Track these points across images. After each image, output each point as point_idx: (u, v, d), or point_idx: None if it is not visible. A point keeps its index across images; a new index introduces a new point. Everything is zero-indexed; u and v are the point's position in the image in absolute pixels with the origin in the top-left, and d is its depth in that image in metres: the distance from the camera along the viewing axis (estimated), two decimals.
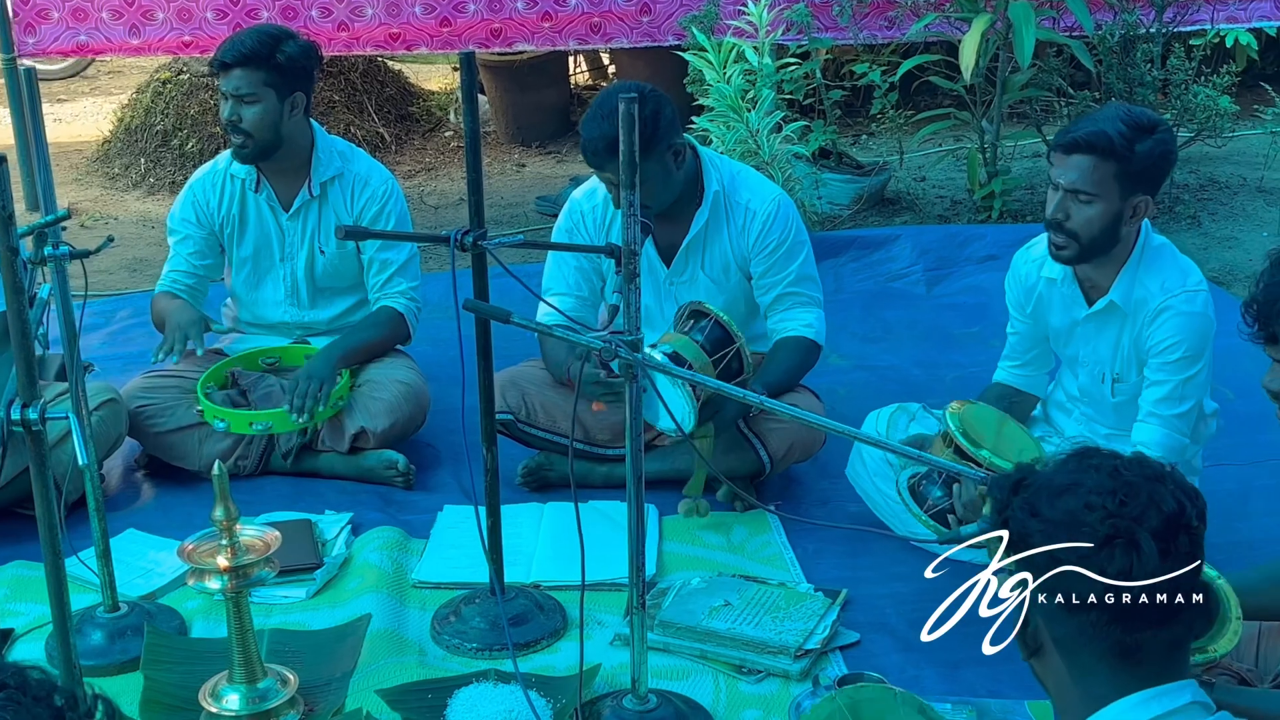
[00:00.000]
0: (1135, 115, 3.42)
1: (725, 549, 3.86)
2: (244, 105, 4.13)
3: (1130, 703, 1.80)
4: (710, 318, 3.79)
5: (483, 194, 3.15)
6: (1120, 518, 1.78)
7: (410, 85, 8.74)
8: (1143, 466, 1.85)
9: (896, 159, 7.27)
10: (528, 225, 6.76)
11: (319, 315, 4.44)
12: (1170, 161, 3.48)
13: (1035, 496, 1.85)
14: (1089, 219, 3.40)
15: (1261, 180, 7.12)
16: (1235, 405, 4.19)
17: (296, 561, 3.63)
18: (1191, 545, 1.81)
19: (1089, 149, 3.37)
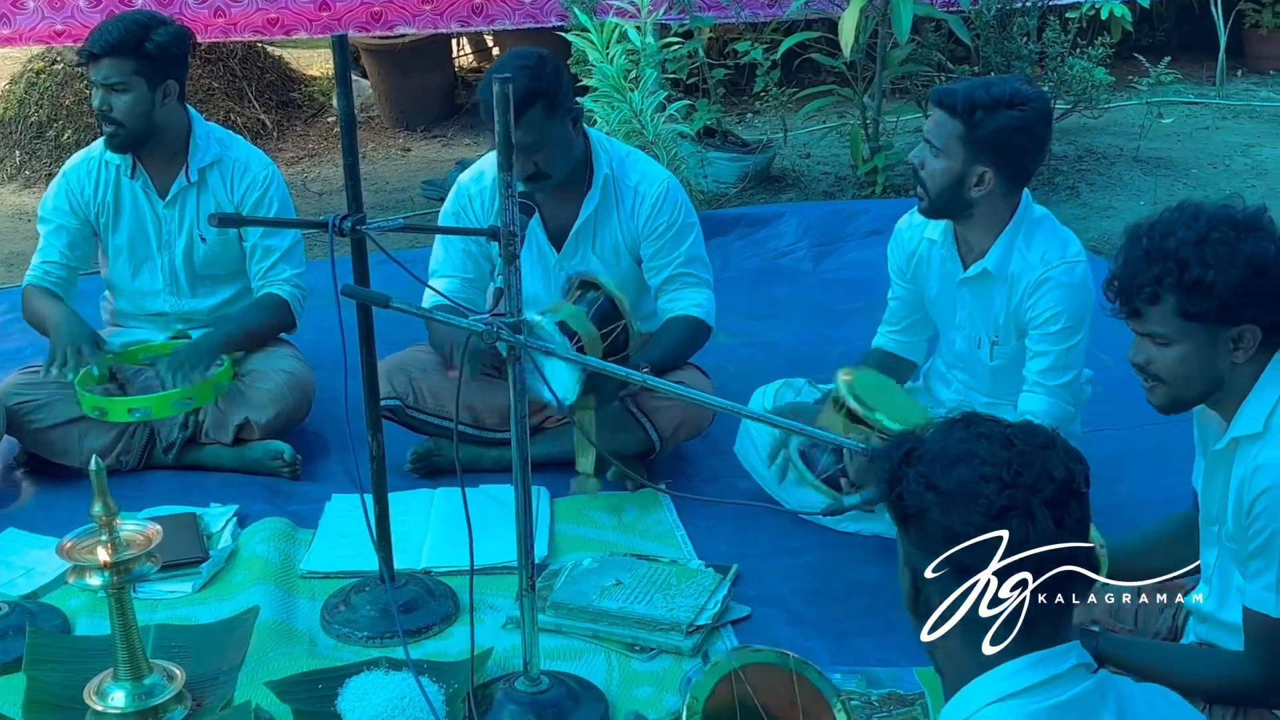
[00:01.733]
0: (1005, 88, 3.44)
1: (617, 529, 3.86)
2: (114, 94, 4.06)
3: (1017, 666, 1.82)
4: (601, 291, 3.79)
5: (360, 178, 3.12)
6: (1016, 488, 1.79)
7: (291, 71, 8.63)
8: (1033, 434, 1.86)
9: (781, 136, 7.31)
10: (414, 210, 6.71)
11: (200, 304, 4.37)
12: (1024, 144, 3.46)
13: (930, 468, 1.85)
14: (934, 172, 3.47)
15: (1138, 150, 7.26)
16: (1113, 371, 4.25)
17: (181, 556, 3.59)
18: (1081, 511, 1.83)
19: (941, 104, 3.45)
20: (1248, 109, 8.17)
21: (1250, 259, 2.42)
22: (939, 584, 1.87)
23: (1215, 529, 2.69)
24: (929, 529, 1.84)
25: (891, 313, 3.96)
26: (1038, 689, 1.81)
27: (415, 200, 6.91)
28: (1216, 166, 7.13)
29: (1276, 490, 2.42)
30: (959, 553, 1.82)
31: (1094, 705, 1.81)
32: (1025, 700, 1.80)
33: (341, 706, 3.05)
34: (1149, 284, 2.46)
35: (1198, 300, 2.43)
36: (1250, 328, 2.46)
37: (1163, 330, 2.49)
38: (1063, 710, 1.79)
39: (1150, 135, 7.39)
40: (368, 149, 7.77)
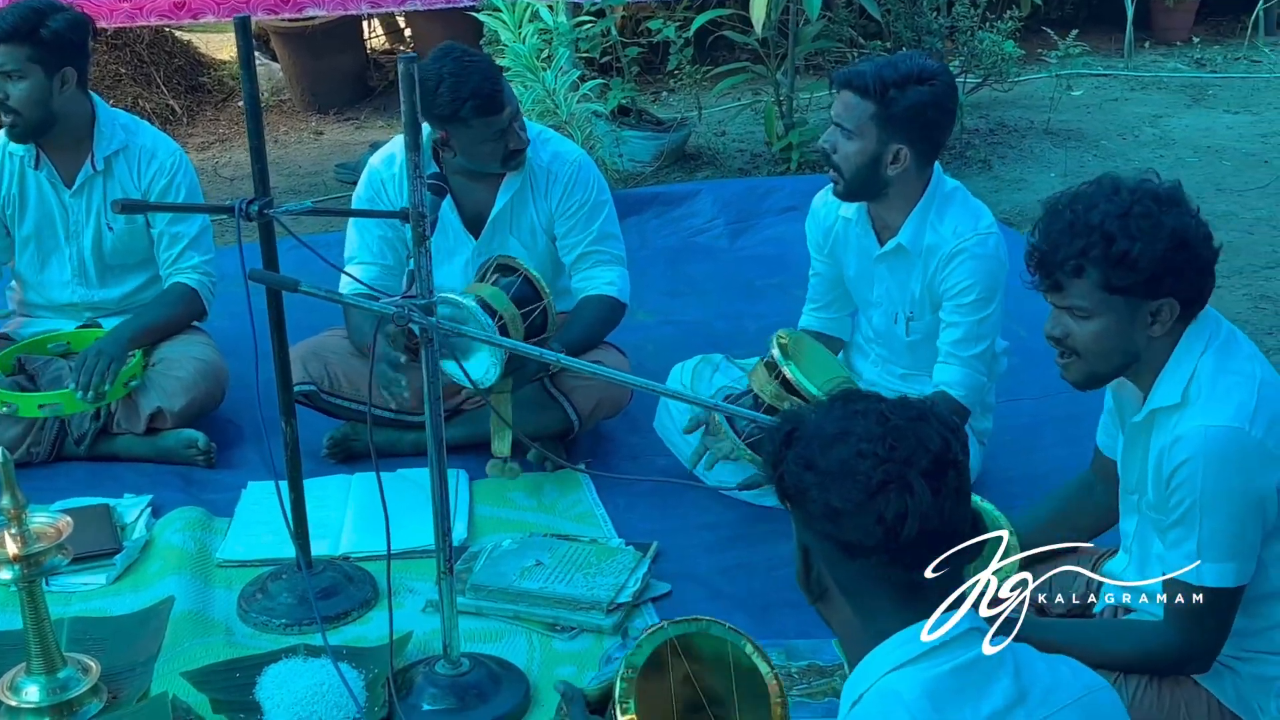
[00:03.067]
0: (912, 64, 3.46)
1: (536, 509, 3.86)
2: (9, 82, 3.98)
3: (911, 633, 1.84)
4: (520, 273, 3.78)
5: (266, 161, 3.09)
6: (892, 462, 1.81)
7: (200, 55, 8.52)
8: (906, 408, 1.88)
9: (696, 115, 7.32)
10: (327, 194, 6.65)
11: (109, 294, 4.31)
12: (935, 118, 3.49)
13: (808, 448, 1.87)
14: (848, 155, 3.48)
15: (1048, 123, 7.33)
16: (1027, 341, 4.31)
17: (94, 547, 3.54)
18: (959, 479, 1.85)
19: (850, 85, 3.46)
20: (1155, 80, 8.29)
21: (1173, 232, 2.45)
22: (829, 565, 1.89)
23: (1135, 498, 2.72)
24: (810, 508, 1.86)
25: (813, 290, 3.98)
26: (933, 654, 1.83)
27: (329, 184, 6.85)
28: (1125, 137, 7.22)
29: (1195, 461, 2.45)
30: (840, 532, 1.84)
31: (991, 668, 1.83)
32: (922, 666, 1.82)
33: (260, 695, 3.04)
34: (1073, 257, 2.47)
35: (1123, 273, 2.45)
36: (1169, 301, 2.49)
37: (1084, 303, 2.50)
38: (960, 673, 1.81)
39: (1060, 107, 7.48)
40: (279, 133, 7.69)
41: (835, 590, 1.91)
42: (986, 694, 1.82)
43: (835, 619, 1.94)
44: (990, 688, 1.82)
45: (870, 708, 1.84)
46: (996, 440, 3.93)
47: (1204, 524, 2.47)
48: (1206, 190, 6.29)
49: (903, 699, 1.80)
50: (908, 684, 1.81)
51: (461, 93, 3.74)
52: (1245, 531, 2.48)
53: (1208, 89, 8.09)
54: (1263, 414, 2.47)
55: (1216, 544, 2.48)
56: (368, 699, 3.00)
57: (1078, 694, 1.90)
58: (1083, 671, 1.95)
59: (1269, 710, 2.65)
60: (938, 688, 1.80)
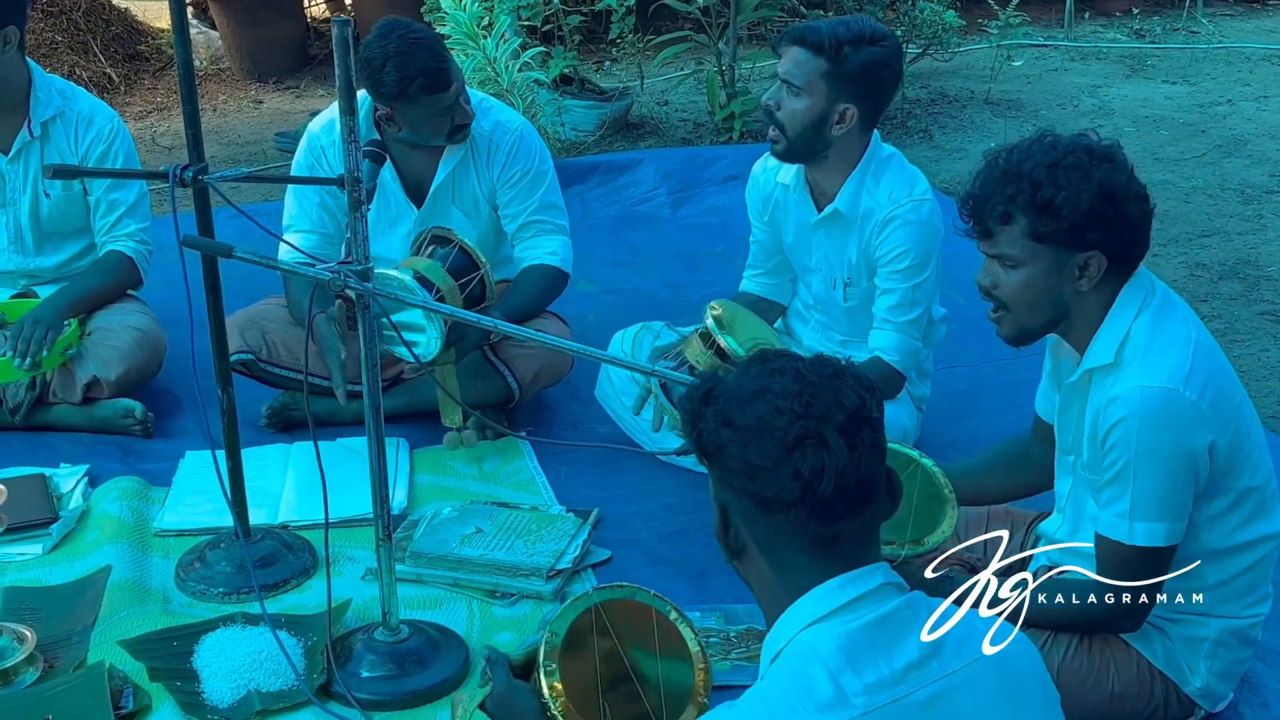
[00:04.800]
0: (864, 25, 3.48)
1: (477, 478, 3.86)
2: None
3: (826, 589, 1.86)
4: (454, 244, 3.76)
5: (200, 126, 3.05)
6: (808, 419, 1.83)
7: (138, 23, 8.41)
8: (823, 365, 1.90)
9: (638, 84, 7.31)
10: (267, 163, 6.60)
11: (45, 262, 4.27)
12: (886, 78, 3.53)
13: (726, 406, 1.89)
14: (794, 112, 3.48)
15: (988, 93, 7.37)
16: (965, 309, 4.33)
17: (30, 517, 3.51)
18: (874, 435, 1.87)
19: (802, 42, 3.46)
20: (1095, 50, 8.34)
21: (1101, 184, 2.49)
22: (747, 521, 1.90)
23: (1070, 459, 2.75)
24: (729, 464, 1.87)
25: (754, 256, 3.99)
26: (847, 608, 1.85)
27: (269, 153, 6.79)
28: (1065, 107, 7.27)
29: (1130, 421, 2.49)
30: (758, 488, 1.85)
31: (906, 621, 1.85)
32: (837, 621, 1.84)
33: (197, 663, 3.04)
34: (1002, 203, 2.52)
35: (1047, 220, 2.49)
36: (1095, 255, 2.52)
37: (1011, 252, 2.55)
38: (875, 628, 1.83)
39: (1000, 78, 7.51)
40: (218, 101, 7.62)
41: (753, 547, 1.92)
42: (900, 647, 1.84)
43: (753, 576, 1.95)
44: (904, 640, 1.84)
45: (788, 663, 1.86)
46: (934, 406, 3.96)
47: (1137, 483, 2.51)
48: (1144, 159, 6.35)
49: (819, 653, 1.82)
50: (823, 639, 1.83)
51: (408, 71, 3.72)
52: (1178, 492, 2.52)
53: (1147, 60, 8.15)
54: (1197, 376, 2.51)
55: (1148, 504, 2.52)
56: (306, 666, 3.00)
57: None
58: (1000, 626, 1.96)
59: (1199, 671, 2.69)
60: (853, 642, 1.82)
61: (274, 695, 2.94)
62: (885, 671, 1.81)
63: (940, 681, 1.83)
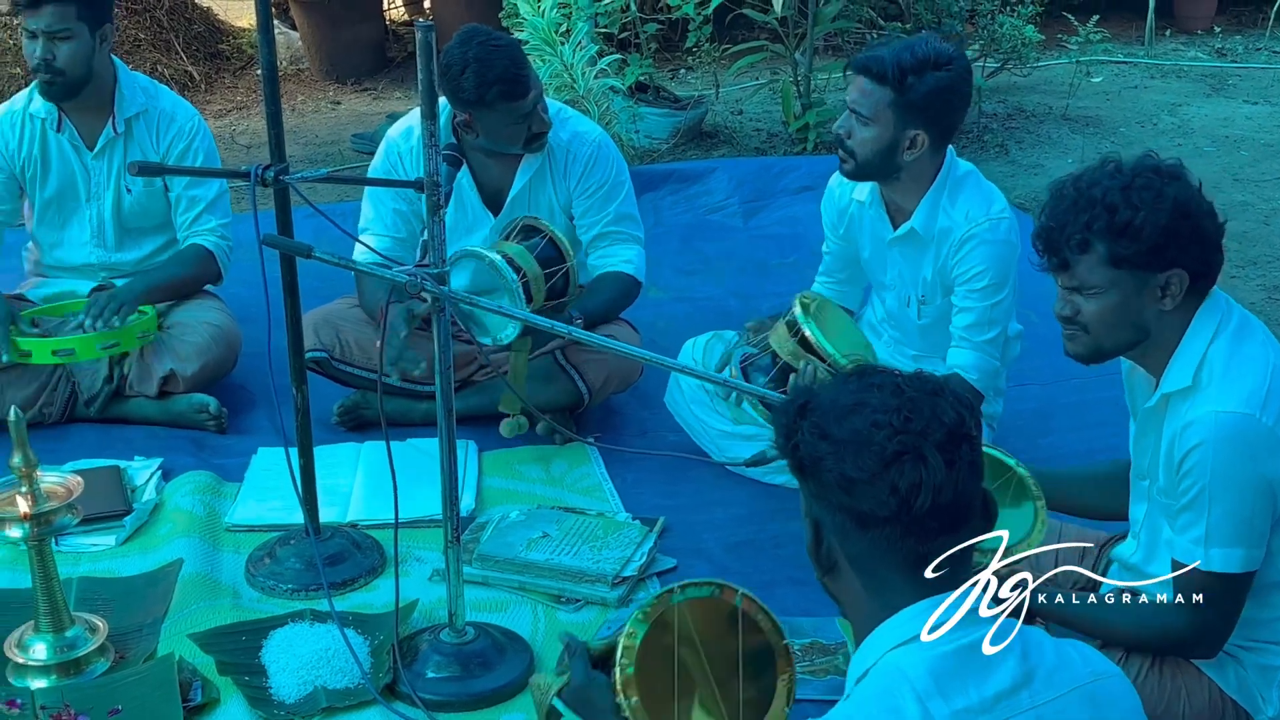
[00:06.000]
0: (928, 49, 3.43)
1: (544, 482, 3.87)
2: (57, 43, 3.98)
3: (918, 609, 1.84)
4: (545, 235, 3.78)
5: (282, 127, 3.09)
6: (907, 433, 1.81)
7: (219, 22, 8.51)
8: (922, 382, 1.88)
9: (713, 92, 7.31)
10: (343, 163, 6.65)
11: (126, 256, 4.32)
12: (953, 102, 3.48)
13: (822, 419, 1.87)
14: (864, 140, 3.46)
15: (1066, 109, 7.31)
16: (1039, 327, 4.30)
17: (104, 508, 3.56)
18: (973, 453, 1.85)
19: (866, 72, 3.43)
20: (1175, 68, 8.25)
21: (1176, 201, 2.46)
22: (840, 537, 1.89)
23: (1146, 484, 2.72)
24: (825, 478, 1.85)
25: (826, 264, 3.98)
26: None
27: (345, 153, 6.85)
28: (1143, 125, 7.20)
29: (1206, 447, 2.45)
30: (854, 502, 1.83)
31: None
32: (928, 643, 1.82)
33: (265, 658, 3.06)
34: (1078, 232, 2.48)
35: (1127, 243, 2.46)
36: (1177, 273, 2.49)
37: (1092, 279, 2.51)
38: (966, 652, 1.81)
39: (1079, 94, 7.45)
40: (297, 101, 7.69)
41: (845, 564, 1.90)
42: (992, 674, 1.81)
43: (844, 594, 1.93)
44: (996, 668, 1.82)
45: (875, 683, 1.84)
46: (1006, 425, 3.93)
47: (1212, 509, 2.48)
48: (1224, 180, 6.27)
49: (907, 676, 1.80)
50: (912, 661, 1.81)
51: (487, 77, 3.74)
52: (1254, 518, 2.49)
53: (1228, 78, 8.05)
54: (1274, 401, 2.47)
55: (1224, 529, 2.48)
56: (372, 665, 3.02)
57: (1085, 679, 1.88)
58: (1093, 657, 1.94)
59: (1271, 700, 2.65)
60: (943, 666, 1.80)
61: (340, 693, 2.96)
62: (974, 699, 1.79)
63: (1030, 712, 1.81)
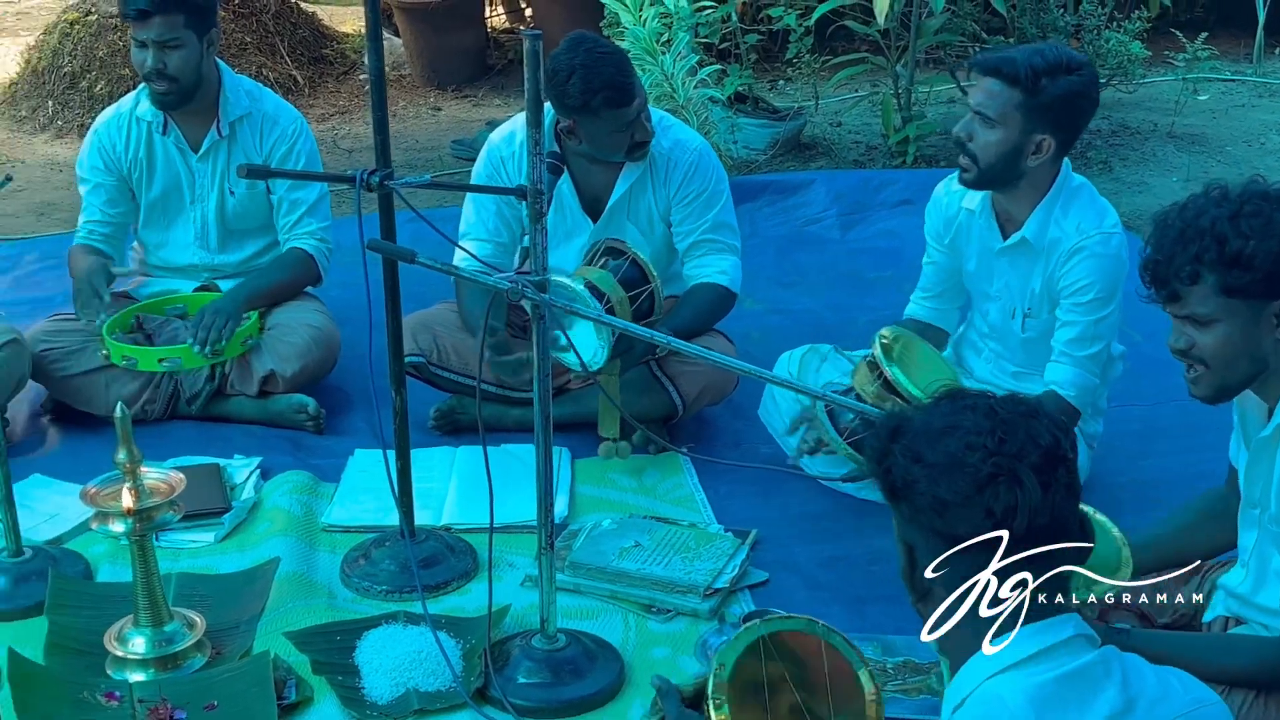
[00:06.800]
0: (1060, 54, 3.41)
1: (637, 491, 3.87)
2: (168, 52, 4.04)
3: (1017, 637, 1.83)
4: (627, 256, 3.79)
5: (389, 133, 3.12)
6: (1001, 455, 1.80)
7: (324, 28, 8.61)
8: (1016, 404, 1.87)
9: (812, 104, 7.28)
10: (443, 169, 6.70)
11: (228, 258, 4.38)
12: (1083, 107, 3.46)
13: (915, 442, 1.86)
14: (988, 144, 3.42)
15: (1172, 126, 7.20)
16: (1141, 347, 4.25)
17: (204, 505, 3.61)
18: (1069, 476, 1.84)
19: (997, 73, 3.38)
20: None
21: None
22: (933, 559, 1.87)
23: (1257, 512, 2.66)
24: (918, 501, 1.84)
25: (926, 278, 3.93)
26: (1037, 659, 1.81)
27: (445, 159, 6.90)
28: (1250, 145, 7.07)
29: None
30: (948, 525, 1.82)
31: (1098, 677, 1.81)
32: (1026, 671, 1.80)
33: (359, 658, 3.09)
34: (1188, 264, 2.42)
35: (1239, 274, 2.39)
36: None
37: (1204, 311, 2.45)
38: (1066, 681, 1.80)
39: (1185, 111, 7.33)
40: (398, 107, 7.76)
41: (940, 589, 1.88)
42: (1092, 703, 1.79)
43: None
44: (1096, 697, 1.80)
45: (974, 712, 1.83)
46: (1106, 445, 3.87)
47: None
48: None
49: (1007, 705, 1.78)
50: (1012, 689, 1.80)
51: (593, 84, 3.75)
52: None
53: None
54: None
55: None
56: (464, 668, 3.04)
57: (1186, 707, 1.87)
58: (1193, 685, 1.91)
59: None
60: (1043, 694, 1.79)
61: (431, 695, 2.98)
62: None
63: None
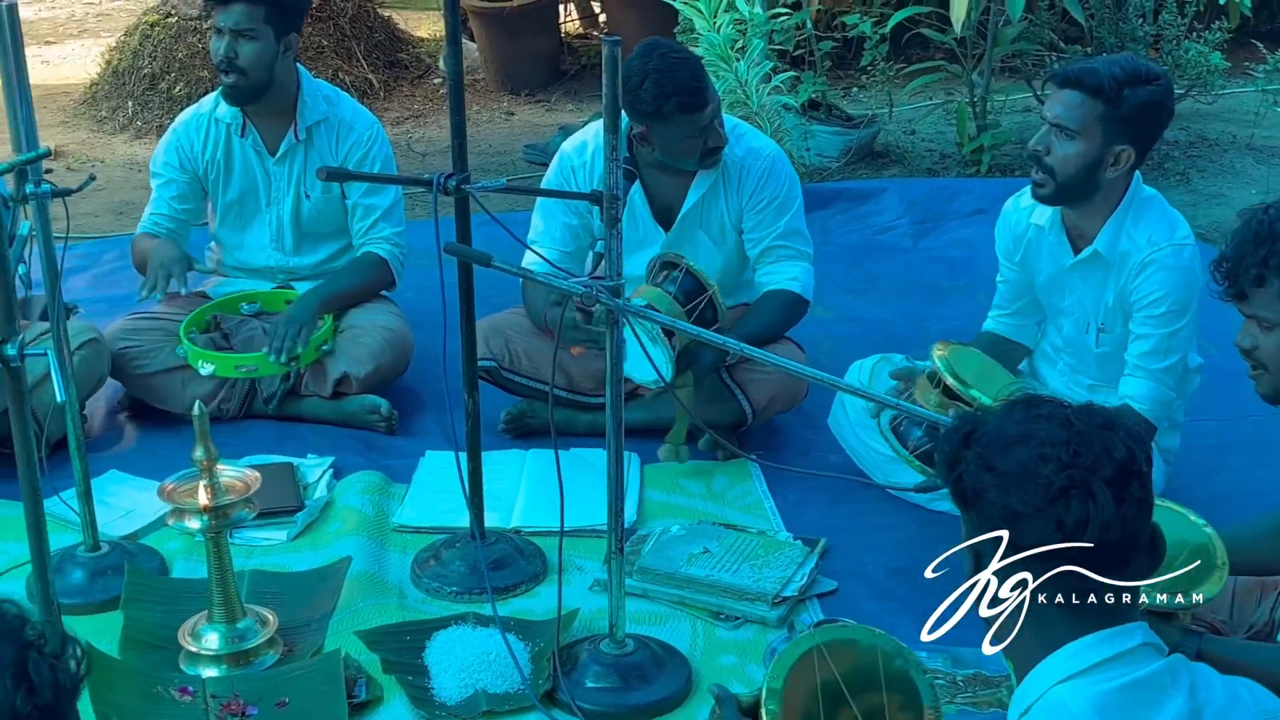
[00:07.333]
0: (1137, 64, 3.40)
1: (706, 497, 3.88)
2: (242, 41, 4.10)
3: (1082, 645, 1.82)
4: (681, 268, 3.79)
5: (466, 138, 3.15)
6: (1075, 468, 1.78)
7: (399, 32, 8.69)
8: (1092, 415, 1.85)
9: (886, 112, 7.26)
10: (515, 173, 6.74)
11: (303, 260, 4.44)
12: (1162, 117, 3.44)
13: (987, 449, 1.85)
14: (1066, 157, 3.39)
15: (1251, 138, 7.12)
16: (1216, 360, 4.19)
17: (277, 504, 3.65)
18: (1143, 491, 1.82)
19: (1079, 85, 3.35)
20: None
21: None
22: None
23: None
24: (987, 510, 1.83)
25: (1001, 296, 3.91)
26: (1103, 666, 1.80)
27: (517, 163, 6.94)
28: None
29: None
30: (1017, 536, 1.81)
31: (1164, 685, 1.79)
32: (1092, 679, 1.79)
33: (428, 659, 3.11)
34: (1255, 266, 2.47)
35: None
36: None
37: (1267, 314, 2.49)
38: (1132, 690, 1.78)
39: (1264, 123, 7.24)
40: (472, 111, 7.81)
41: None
42: (1158, 712, 1.78)
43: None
44: (1163, 706, 1.78)
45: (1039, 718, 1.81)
46: (1182, 459, 3.83)
47: None
48: None
49: (1072, 712, 1.77)
50: (1077, 697, 1.78)
51: (666, 89, 3.76)
52: None
53: None
54: None
55: None
56: (532, 671, 3.06)
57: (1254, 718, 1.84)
58: (1263, 695, 1.89)
59: None
60: (1108, 703, 1.77)
61: (500, 697, 3.00)
62: None
63: None
